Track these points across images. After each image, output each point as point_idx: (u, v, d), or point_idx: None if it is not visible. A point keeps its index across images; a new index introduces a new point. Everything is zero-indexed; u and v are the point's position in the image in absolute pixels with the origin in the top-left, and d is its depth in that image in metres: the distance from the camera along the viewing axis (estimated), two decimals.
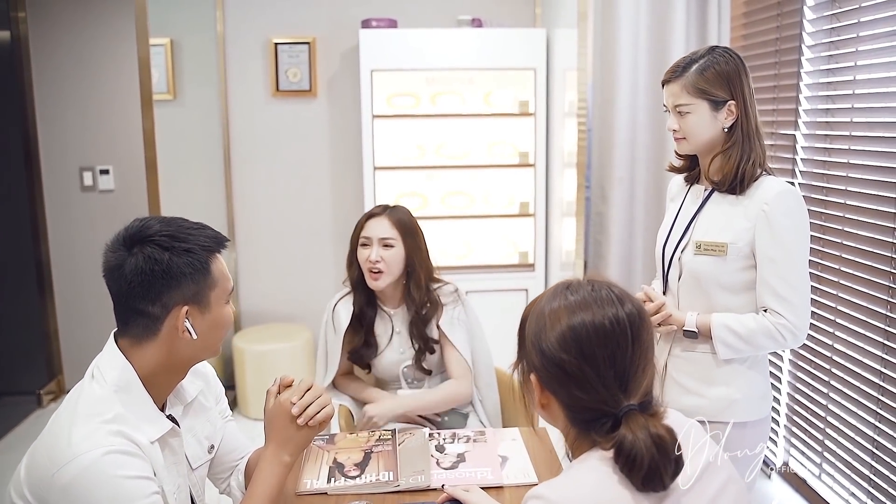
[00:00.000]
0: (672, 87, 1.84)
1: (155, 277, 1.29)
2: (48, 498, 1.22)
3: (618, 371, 1.07)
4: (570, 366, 1.07)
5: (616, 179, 3.26)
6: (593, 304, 1.09)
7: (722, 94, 1.79)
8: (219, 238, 1.39)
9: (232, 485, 1.67)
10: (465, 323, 2.35)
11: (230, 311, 1.42)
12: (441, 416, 2.23)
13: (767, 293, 1.77)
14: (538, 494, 1.05)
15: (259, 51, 4.01)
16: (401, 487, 1.72)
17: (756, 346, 1.80)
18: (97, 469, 1.20)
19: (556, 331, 1.09)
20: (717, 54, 1.81)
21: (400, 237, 2.23)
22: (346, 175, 4.15)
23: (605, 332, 1.07)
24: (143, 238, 1.31)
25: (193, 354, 1.40)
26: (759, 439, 1.91)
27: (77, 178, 4.08)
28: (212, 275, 1.35)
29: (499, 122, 3.95)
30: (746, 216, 1.79)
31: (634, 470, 1.02)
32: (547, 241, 4.03)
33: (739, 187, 1.81)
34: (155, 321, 1.32)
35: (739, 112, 1.80)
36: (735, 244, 1.80)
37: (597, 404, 1.07)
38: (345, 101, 4.08)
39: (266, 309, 4.26)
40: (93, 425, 1.24)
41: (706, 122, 1.82)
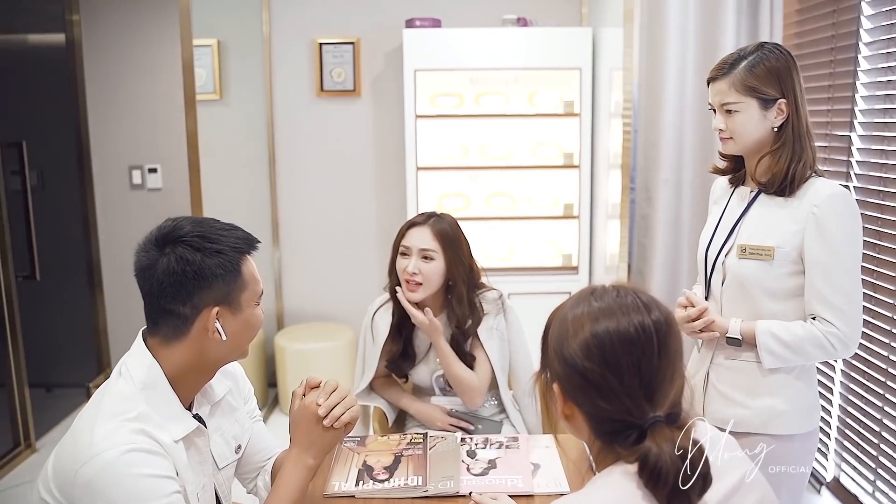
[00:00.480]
0: (719, 85, 1.77)
1: (186, 278, 1.29)
2: (72, 494, 1.23)
3: (643, 380, 1.02)
4: (593, 374, 1.02)
5: (661, 181, 3.18)
6: (618, 310, 1.05)
7: (772, 91, 1.71)
8: (249, 239, 1.39)
9: (259, 485, 1.66)
10: (503, 334, 2.29)
11: (260, 314, 1.41)
12: (475, 424, 2.19)
13: (816, 300, 1.69)
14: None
15: (304, 51, 4.03)
16: (429, 493, 1.69)
17: (803, 355, 1.72)
18: (117, 467, 1.20)
19: (578, 338, 1.05)
20: (767, 50, 1.73)
21: (441, 249, 2.16)
22: (389, 175, 4.15)
23: (630, 340, 1.02)
24: (175, 238, 1.31)
25: (222, 355, 1.40)
26: (806, 454, 1.83)
27: (126, 177, 4.17)
28: (242, 276, 1.35)
29: (543, 122, 3.90)
30: (795, 219, 1.71)
31: (659, 485, 0.97)
32: (591, 244, 3.96)
33: (789, 189, 1.73)
34: (185, 321, 1.32)
35: (790, 110, 1.72)
36: (782, 248, 1.72)
37: (621, 415, 1.02)
38: (388, 101, 4.07)
39: (308, 308, 4.29)
40: (115, 423, 1.24)
41: (755, 122, 1.74)
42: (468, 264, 2.22)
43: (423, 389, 2.34)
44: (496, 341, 2.25)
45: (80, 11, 4.03)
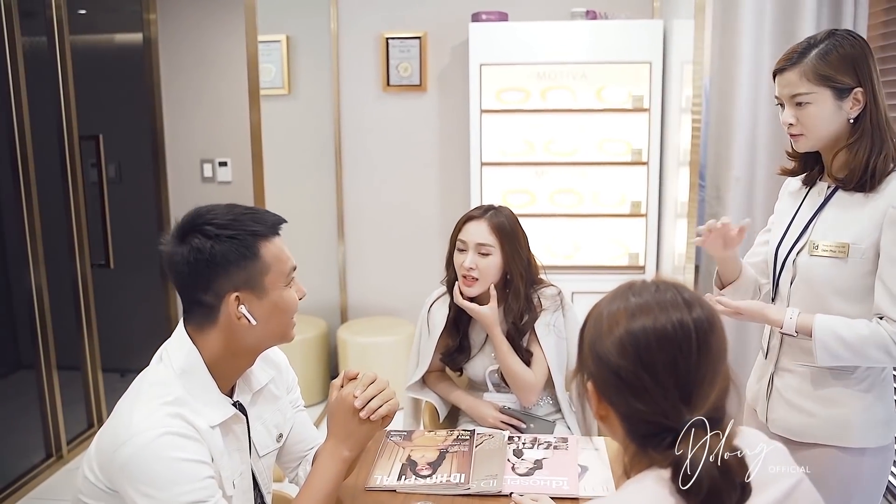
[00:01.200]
0: (788, 76, 1.65)
1: (201, 267, 1.30)
2: (111, 473, 1.26)
3: (680, 381, 0.96)
4: (627, 373, 0.97)
5: (733, 179, 3.06)
6: (656, 307, 0.99)
7: (847, 80, 1.59)
8: (272, 221, 1.38)
9: (300, 474, 1.66)
10: (561, 332, 2.23)
11: (291, 295, 1.40)
12: (526, 423, 2.14)
13: (886, 298, 1.57)
14: None
15: (371, 46, 4.05)
16: (471, 491, 1.66)
17: (864, 356, 1.59)
18: (152, 449, 1.21)
19: (613, 335, 0.99)
20: (840, 37, 1.62)
21: (498, 244, 2.13)
22: (454, 170, 4.13)
23: (667, 337, 0.97)
24: (193, 228, 1.32)
25: (259, 340, 1.40)
26: (878, 469, 1.71)
27: (198, 170, 4.27)
28: (262, 259, 1.34)
29: (611, 117, 3.80)
30: (873, 216, 1.59)
31: (692, 493, 0.91)
32: (659, 243, 3.84)
33: (869, 184, 1.61)
34: (212, 309, 1.33)
35: (867, 100, 1.60)
36: (858, 245, 1.60)
37: (656, 417, 0.97)
38: (454, 96, 4.05)
39: (372, 302, 4.31)
40: (153, 406, 1.26)
41: (829, 114, 1.62)
42: (526, 259, 2.18)
43: (476, 385, 2.32)
44: (553, 338, 2.20)
45: (157, 10, 4.15)
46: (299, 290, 1.44)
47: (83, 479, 1.32)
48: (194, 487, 1.23)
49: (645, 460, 1.00)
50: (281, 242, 1.40)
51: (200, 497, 1.23)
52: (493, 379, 2.25)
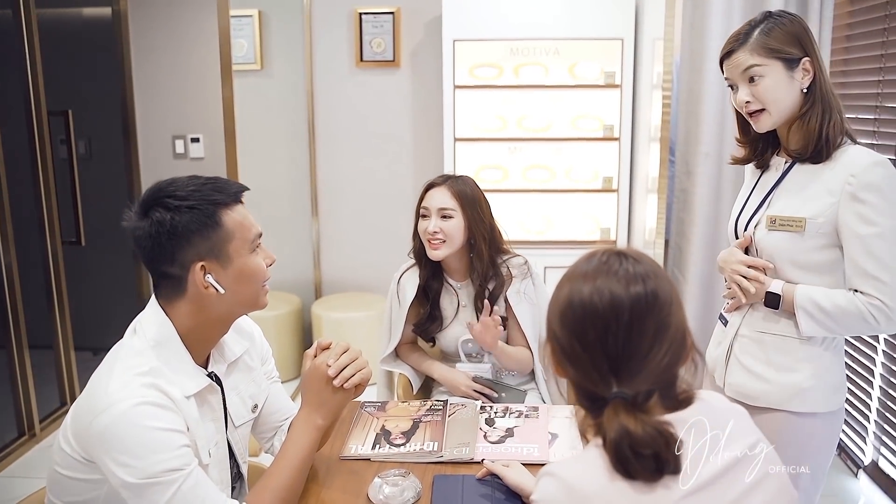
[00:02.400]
0: (737, 57, 1.68)
1: (163, 239, 1.31)
2: (87, 444, 1.27)
3: (609, 354, 0.99)
4: (563, 341, 1.02)
5: (702, 155, 3.10)
6: (598, 276, 1.01)
7: (795, 51, 1.64)
8: (234, 189, 1.39)
9: (275, 444, 1.69)
10: (532, 299, 2.28)
11: (257, 261, 1.41)
12: (498, 392, 2.19)
13: (856, 273, 1.61)
14: (552, 472, 1.00)
15: (344, 21, 4.03)
16: (444, 458, 1.69)
17: (842, 325, 1.64)
18: (128, 418, 1.23)
19: (559, 302, 1.03)
20: (778, 15, 1.68)
21: (459, 208, 2.17)
22: (428, 146, 4.13)
23: (594, 311, 0.99)
24: (154, 202, 1.33)
25: (230, 309, 1.41)
26: (830, 433, 1.77)
27: (170, 146, 4.23)
28: (224, 228, 1.34)
29: (583, 94, 3.83)
30: (830, 190, 1.63)
31: (619, 461, 0.96)
32: (630, 218, 3.89)
33: (825, 152, 1.65)
34: (179, 281, 1.35)
35: (815, 69, 1.65)
36: (815, 220, 1.64)
37: (588, 385, 1.01)
38: (428, 72, 4.05)
39: (346, 277, 4.33)
40: (128, 377, 1.28)
41: (783, 85, 1.65)
42: (489, 224, 2.22)
43: (448, 355, 2.35)
44: (526, 305, 2.25)
45: None
46: (267, 256, 1.44)
47: (59, 451, 1.33)
48: (170, 456, 1.25)
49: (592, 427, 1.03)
50: (244, 210, 1.40)
51: (176, 465, 1.25)
52: (465, 349, 2.29)
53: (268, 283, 1.46)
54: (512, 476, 1.53)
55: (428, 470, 1.65)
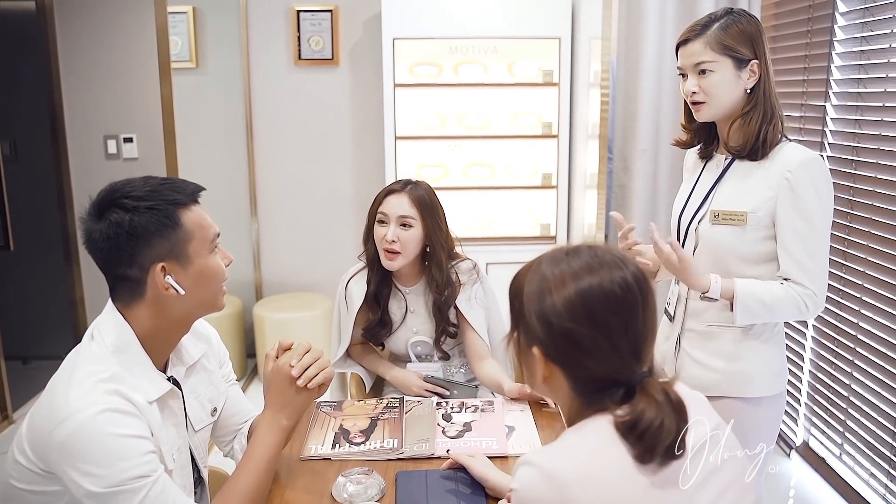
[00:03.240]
0: (692, 46, 1.76)
1: (121, 240, 1.28)
2: (47, 455, 1.23)
3: (630, 338, 1.02)
4: (581, 336, 1.01)
5: (639, 151, 3.19)
6: (599, 268, 1.04)
7: (746, 52, 1.72)
8: (191, 189, 1.37)
9: (235, 448, 1.67)
10: (482, 302, 2.30)
11: (217, 261, 1.40)
12: (450, 390, 2.20)
13: (790, 263, 1.71)
14: (530, 461, 1.01)
15: (281, 19, 3.98)
16: (404, 455, 1.71)
17: (778, 313, 1.73)
18: (92, 426, 1.20)
19: (562, 298, 1.02)
20: (738, 13, 1.75)
21: (419, 216, 2.14)
22: (368, 145, 4.13)
23: (616, 298, 1.02)
24: (110, 203, 1.30)
25: (189, 311, 1.39)
26: (775, 415, 1.87)
27: (101, 147, 4.10)
28: (184, 228, 1.33)
29: (522, 92, 3.89)
30: (768, 185, 1.72)
31: (648, 439, 0.98)
32: (569, 214, 3.97)
33: (761, 151, 1.74)
34: (138, 283, 1.32)
35: (762, 72, 1.73)
36: (755, 213, 1.73)
37: (609, 373, 1.03)
38: (367, 70, 4.04)
39: (287, 278, 4.28)
40: (89, 384, 1.25)
41: (729, 82, 1.74)
42: (446, 232, 2.22)
43: (399, 357, 2.36)
44: (478, 311, 2.26)
45: None
46: (225, 256, 1.43)
47: (13, 464, 1.29)
48: (137, 462, 1.22)
49: (590, 411, 1.05)
50: (202, 210, 1.39)
51: (144, 472, 1.23)
52: (415, 350, 2.30)
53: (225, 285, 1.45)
54: (477, 467, 1.56)
55: (390, 467, 1.66)
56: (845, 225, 2.53)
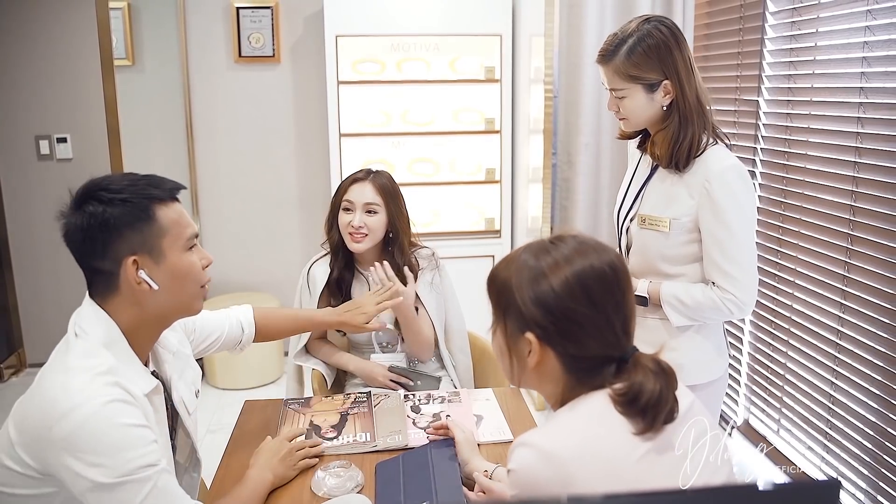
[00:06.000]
0: (604, 71, 1.81)
1: (94, 232, 1.29)
2: (45, 454, 1.22)
3: (620, 315, 1.10)
4: (581, 315, 1.08)
5: (582, 146, 3.28)
6: (588, 252, 1.11)
7: (654, 75, 1.75)
8: (169, 186, 1.38)
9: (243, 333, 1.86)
10: (439, 289, 2.36)
11: (193, 260, 1.40)
12: (414, 380, 2.25)
13: (713, 269, 1.80)
14: (527, 442, 1.06)
15: (220, 15, 3.93)
16: (378, 447, 1.74)
17: (702, 316, 1.84)
18: (99, 418, 1.20)
19: (559, 280, 1.08)
20: (645, 32, 1.74)
21: (383, 203, 2.22)
22: (312, 142, 4.12)
23: (608, 278, 1.09)
24: (87, 196, 1.31)
25: (165, 308, 1.39)
26: (709, 400, 1.94)
27: (33, 147, 3.97)
28: (158, 222, 1.33)
29: (464, 88, 3.94)
30: (690, 193, 1.80)
31: (650, 409, 1.05)
32: (513, 208, 4.06)
33: (682, 163, 1.80)
34: (111, 276, 1.33)
35: (675, 90, 1.77)
36: (678, 220, 1.81)
37: (604, 350, 1.10)
38: (309, 68, 4.03)
39: (232, 278, 4.23)
40: (88, 377, 1.25)
41: (643, 105, 1.79)
42: (406, 217, 2.29)
43: (360, 346, 2.38)
44: (434, 296, 2.32)
45: None
46: (204, 257, 1.44)
47: (1, 470, 1.26)
48: (144, 452, 1.24)
49: (580, 390, 1.12)
50: (181, 208, 1.39)
51: (151, 461, 1.24)
52: (378, 339, 2.33)
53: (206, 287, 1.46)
54: (463, 446, 1.63)
55: (365, 459, 1.70)
56: (779, 213, 2.67)
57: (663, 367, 1.09)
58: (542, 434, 1.08)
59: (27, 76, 3.89)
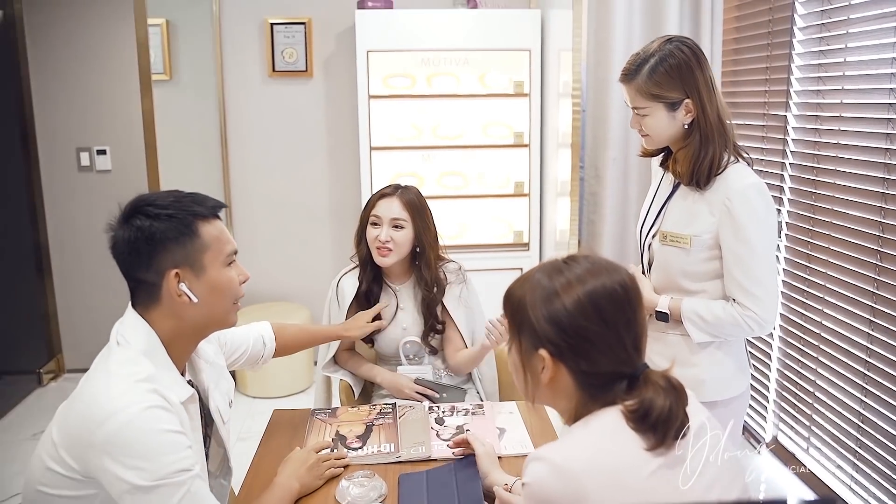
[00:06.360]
0: (627, 90, 1.84)
1: (140, 244, 1.36)
2: (87, 456, 1.28)
3: (631, 332, 1.13)
4: (592, 333, 1.11)
5: (610, 160, 3.29)
6: (600, 272, 1.14)
7: (675, 94, 1.77)
8: (212, 204, 1.45)
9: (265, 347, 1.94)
10: (467, 302, 2.39)
11: (231, 276, 1.46)
12: (440, 392, 2.28)
13: (734, 287, 1.81)
14: (540, 456, 1.09)
15: (255, 31, 4.02)
16: (402, 458, 1.77)
17: (723, 333, 1.85)
18: (138, 423, 1.26)
19: (572, 300, 1.12)
20: (667, 52, 1.77)
21: (410, 218, 2.26)
22: (343, 155, 4.18)
23: (619, 297, 1.12)
24: (135, 211, 1.38)
25: (202, 321, 1.45)
26: (729, 417, 1.94)
27: (74, 159, 4.10)
28: (201, 238, 1.40)
29: (493, 102, 3.98)
30: (711, 211, 1.81)
31: (661, 426, 1.07)
32: (541, 221, 4.07)
33: (703, 181, 1.81)
34: (153, 287, 1.39)
35: (696, 109, 1.79)
36: (699, 237, 1.82)
37: (615, 367, 1.13)
38: (341, 82, 4.10)
39: (263, 289, 4.31)
40: (128, 383, 1.31)
41: (664, 123, 1.82)
42: (434, 232, 2.33)
43: (388, 358, 2.42)
44: (463, 310, 2.36)
45: None
46: (241, 273, 1.50)
47: (44, 472, 1.32)
48: (181, 456, 1.29)
49: (593, 406, 1.15)
50: (222, 225, 1.46)
51: (187, 465, 1.30)
52: (405, 351, 2.37)
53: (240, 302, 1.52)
54: (483, 459, 1.65)
55: (389, 470, 1.73)
56: (807, 228, 2.65)
57: (673, 383, 1.11)
58: (556, 449, 1.10)
59: (70, 91, 4.02)
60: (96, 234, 1.40)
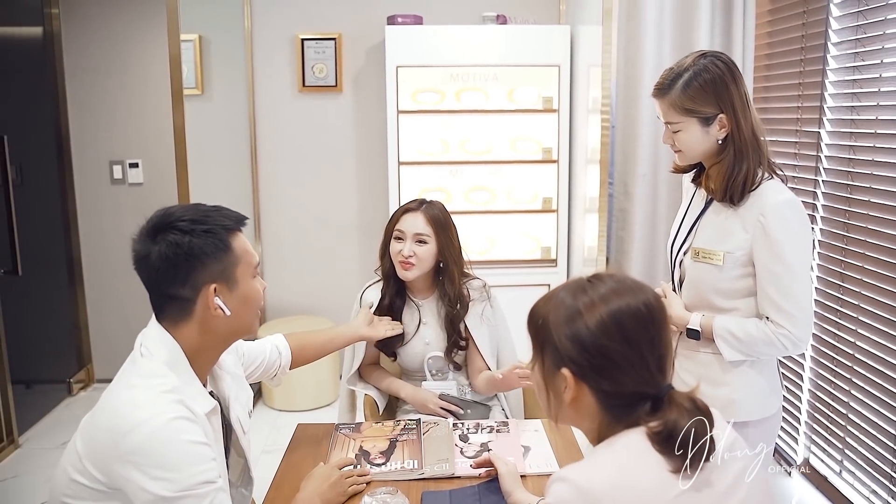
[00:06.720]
0: (660, 105, 1.83)
1: (179, 260, 1.36)
2: (112, 466, 1.28)
3: (655, 353, 1.11)
4: (615, 353, 1.10)
5: (639, 176, 3.27)
6: (626, 292, 1.13)
7: (709, 109, 1.76)
8: (237, 217, 1.46)
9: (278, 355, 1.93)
10: (490, 320, 2.38)
11: (258, 286, 1.48)
12: (464, 409, 2.27)
13: (768, 304, 1.78)
14: (563, 477, 1.07)
15: (286, 46, 4.07)
16: (425, 475, 1.76)
17: (756, 351, 1.81)
18: (164, 434, 1.27)
19: (595, 319, 1.11)
20: (701, 66, 1.76)
21: (434, 234, 2.26)
22: (372, 170, 4.20)
23: (643, 317, 1.11)
24: (166, 225, 1.37)
25: (229, 333, 1.46)
26: (761, 438, 1.91)
27: (107, 172, 4.17)
28: (234, 251, 1.41)
29: (522, 118, 3.97)
30: (744, 227, 1.79)
31: (684, 446, 1.05)
32: (569, 237, 4.05)
33: (737, 197, 1.79)
34: (188, 303, 1.39)
35: (731, 124, 1.78)
36: (732, 254, 1.80)
37: (639, 387, 1.11)
38: (370, 97, 4.12)
39: (291, 302, 4.33)
40: (153, 394, 1.31)
41: (698, 138, 1.80)
42: (458, 248, 2.32)
43: (412, 373, 2.41)
44: (485, 328, 2.34)
45: (59, 5, 4.02)
46: (261, 283, 1.52)
47: (69, 483, 1.33)
48: (205, 468, 1.30)
49: (617, 427, 1.13)
50: (245, 238, 1.47)
51: (210, 477, 1.30)
52: (429, 366, 2.36)
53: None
54: (507, 478, 1.63)
55: (412, 487, 1.71)
56: (841, 247, 2.61)
57: (698, 404, 1.09)
58: (579, 470, 1.09)
59: (104, 105, 4.09)
60: (127, 246, 1.40)
